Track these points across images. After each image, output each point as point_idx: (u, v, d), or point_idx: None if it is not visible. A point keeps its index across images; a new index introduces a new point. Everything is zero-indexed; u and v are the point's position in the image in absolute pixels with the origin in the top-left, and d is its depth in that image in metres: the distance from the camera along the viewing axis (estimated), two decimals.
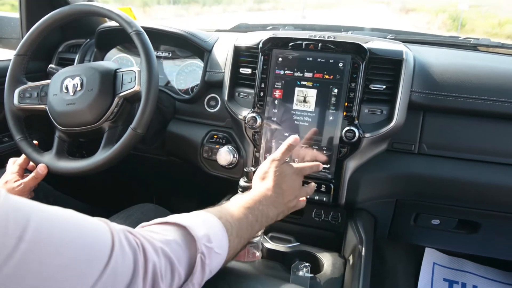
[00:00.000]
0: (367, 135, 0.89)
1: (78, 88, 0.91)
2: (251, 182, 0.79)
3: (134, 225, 0.53)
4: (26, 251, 0.34)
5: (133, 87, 0.89)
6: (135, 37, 0.90)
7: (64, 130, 0.94)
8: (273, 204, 0.71)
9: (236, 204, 0.65)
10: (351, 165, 0.92)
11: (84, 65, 0.97)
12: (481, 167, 0.91)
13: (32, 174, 0.90)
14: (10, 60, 1.00)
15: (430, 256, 1.39)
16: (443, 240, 1.11)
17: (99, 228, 0.43)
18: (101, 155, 0.89)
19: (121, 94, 0.91)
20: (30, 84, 0.99)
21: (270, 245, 0.89)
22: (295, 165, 0.80)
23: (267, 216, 0.69)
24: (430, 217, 1.03)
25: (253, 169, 0.80)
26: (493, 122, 0.91)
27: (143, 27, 0.96)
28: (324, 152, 0.92)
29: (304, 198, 0.81)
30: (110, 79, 0.92)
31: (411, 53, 0.93)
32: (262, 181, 0.75)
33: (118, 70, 0.94)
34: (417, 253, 1.39)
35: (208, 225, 0.54)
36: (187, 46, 1.17)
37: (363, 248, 0.83)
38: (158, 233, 0.49)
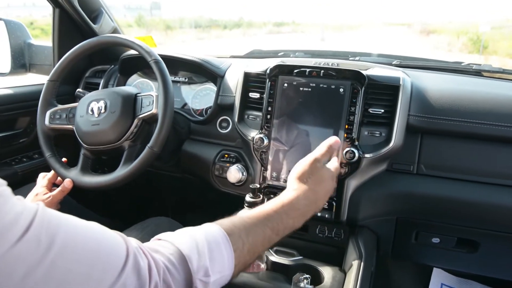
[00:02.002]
0: (366, 155, 0.95)
1: (102, 111, 1.01)
2: (256, 198, 0.86)
3: (148, 237, 0.57)
4: (54, 258, 0.38)
5: (151, 110, 0.98)
6: (153, 65, 1.00)
7: (88, 148, 1.03)
8: (304, 214, 0.68)
9: (256, 216, 0.62)
10: (352, 184, 0.97)
11: (108, 90, 1.07)
12: (477, 187, 0.95)
13: (60, 188, 0.99)
14: (43, 84, 1.11)
15: (438, 276, 1.40)
16: (444, 258, 1.14)
17: (116, 240, 0.46)
18: (121, 171, 0.98)
19: (140, 116, 1.00)
20: (60, 106, 1.10)
21: (274, 258, 0.94)
22: (332, 167, 0.78)
23: (291, 228, 0.66)
24: (430, 235, 1.07)
25: (258, 185, 0.86)
26: (489, 144, 0.95)
27: (162, 55, 1.06)
28: None
29: None
30: (130, 103, 1.02)
31: (408, 79, 0.99)
32: (299, 182, 0.72)
33: (138, 95, 1.04)
34: (424, 273, 1.40)
35: (211, 248, 0.53)
36: (202, 72, 1.27)
37: (362, 263, 0.87)
38: (164, 253, 0.50)
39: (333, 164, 0.80)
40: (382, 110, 0.96)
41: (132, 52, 1.31)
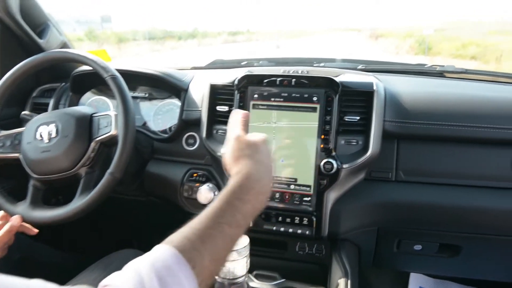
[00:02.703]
0: (345, 166, 0.91)
1: (53, 135, 0.90)
2: None
3: None
4: None
5: (109, 131, 0.88)
6: (110, 81, 0.90)
7: (39, 178, 0.92)
8: (260, 191, 0.60)
9: (206, 217, 0.53)
10: (332, 196, 0.93)
11: (59, 111, 0.96)
12: (457, 191, 0.94)
13: (6, 227, 0.87)
14: None
15: (416, 280, 1.39)
16: (426, 265, 1.12)
17: None
18: (78, 202, 0.87)
19: (97, 139, 0.90)
20: (3, 132, 0.98)
21: (255, 283, 0.88)
22: (253, 135, 0.69)
23: (252, 213, 0.58)
24: (412, 243, 1.04)
25: None
26: (466, 146, 0.94)
27: (118, 70, 0.96)
28: (303, 187, 0.93)
29: None
30: (86, 124, 0.92)
31: (381, 84, 0.97)
32: (237, 162, 0.63)
33: (94, 115, 0.94)
34: (403, 279, 1.39)
35: (161, 277, 0.45)
36: (163, 86, 1.18)
37: (349, 281, 0.83)
38: None
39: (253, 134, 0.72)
40: (358, 117, 0.93)
41: (84, 67, 1.20)
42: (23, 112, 1.07)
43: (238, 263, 0.78)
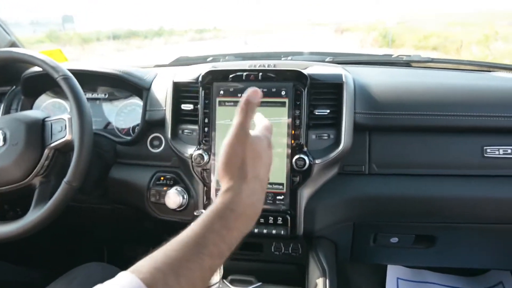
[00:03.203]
0: (317, 161, 0.88)
1: (1, 144, 0.82)
2: None
3: None
4: None
5: (64, 137, 0.82)
6: (62, 82, 0.83)
7: None
8: (250, 214, 0.50)
9: (185, 245, 0.44)
10: (305, 193, 0.90)
11: (7, 117, 0.88)
12: (430, 181, 0.93)
13: None
14: None
15: (393, 271, 1.39)
16: (403, 256, 1.11)
17: None
18: (33, 215, 0.80)
19: (51, 145, 0.83)
20: None
21: None
22: (262, 127, 0.59)
23: (238, 238, 0.49)
24: (388, 236, 1.03)
25: (203, 211, 0.75)
26: (436, 135, 0.93)
27: (74, 70, 0.90)
28: (275, 185, 0.89)
29: None
30: (37, 130, 0.84)
31: (350, 75, 0.95)
32: (230, 176, 0.52)
33: (46, 119, 0.86)
34: (380, 271, 1.38)
35: None
36: (124, 85, 1.11)
37: (327, 280, 0.80)
38: None
39: (261, 123, 0.61)
40: (328, 111, 0.90)
41: (37, 69, 1.11)
42: None
43: None
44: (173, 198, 0.94)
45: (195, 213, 0.75)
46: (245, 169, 0.51)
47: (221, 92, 0.92)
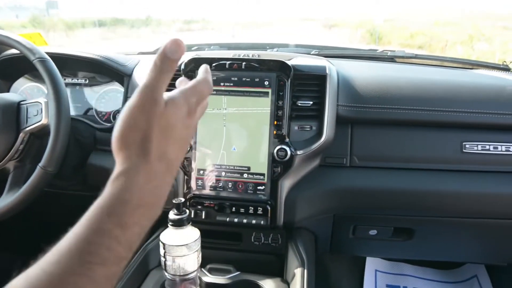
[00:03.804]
0: (299, 152, 0.88)
1: None
2: (182, 214, 0.73)
3: None
4: None
5: (40, 121, 0.80)
6: (38, 65, 0.81)
7: None
8: (152, 205, 0.39)
9: (67, 257, 0.34)
10: (286, 184, 0.90)
11: None
12: (410, 175, 0.94)
13: None
14: None
15: (372, 264, 1.41)
16: (382, 249, 1.13)
17: None
18: (6, 200, 0.78)
19: (26, 129, 0.81)
20: None
21: (208, 278, 0.83)
22: (179, 93, 0.43)
23: (142, 232, 0.38)
24: (367, 228, 1.04)
25: (183, 199, 0.74)
26: (417, 130, 0.94)
27: (53, 54, 0.87)
28: (256, 176, 0.89)
29: None
30: (12, 113, 0.82)
31: (334, 67, 0.95)
32: (128, 154, 0.39)
33: (22, 102, 0.84)
34: (359, 263, 1.40)
35: None
36: (104, 71, 1.09)
37: (305, 270, 0.80)
38: None
39: (180, 90, 0.44)
40: (311, 102, 0.90)
41: (13, 51, 1.08)
42: None
43: (188, 258, 0.73)
44: None
45: (173, 201, 0.73)
46: (147, 146, 0.38)
47: None
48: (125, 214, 0.36)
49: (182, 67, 0.91)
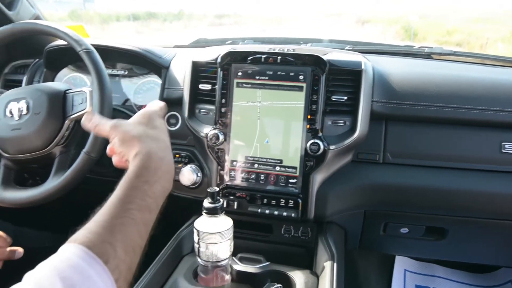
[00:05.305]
0: (331, 147, 0.88)
1: (24, 112, 0.85)
2: (216, 203, 0.75)
3: None
4: None
5: (84, 109, 0.84)
6: (84, 55, 0.85)
7: (10, 157, 0.87)
8: (166, 167, 0.57)
9: (111, 207, 0.48)
10: (318, 178, 0.90)
11: (30, 87, 0.90)
12: (445, 173, 0.92)
13: None
14: None
15: (401, 263, 1.39)
16: (413, 248, 1.11)
17: None
18: (52, 183, 0.83)
19: (72, 117, 0.85)
20: None
21: (239, 266, 0.85)
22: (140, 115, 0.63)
23: (163, 192, 0.55)
24: (398, 226, 1.03)
25: (217, 189, 0.76)
26: (454, 128, 0.92)
27: (96, 45, 0.91)
28: (288, 169, 0.90)
29: None
30: (59, 101, 0.86)
31: (369, 63, 0.94)
32: (132, 143, 0.57)
33: (68, 91, 0.88)
34: (388, 261, 1.39)
35: (65, 276, 0.40)
36: (143, 63, 1.13)
37: (335, 264, 0.81)
38: None
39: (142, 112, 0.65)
40: (345, 97, 0.90)
41: (60, 42, 1.13)
42: None
43: (221, 245, 0.75)
44: (187, 175, 0.96)
45: (208, 190, 0.76)
46: (143, 135, 0.58)
47: (239, 73, 0.92)
48: (150, 175, 0.53)
49: (219, 60, 0.93)
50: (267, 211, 0.91)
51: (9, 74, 1.23)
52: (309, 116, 0.89)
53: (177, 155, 1.02)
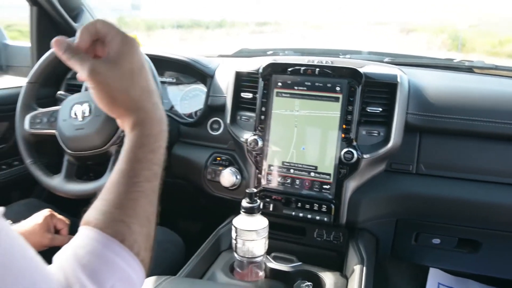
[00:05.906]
0: (365, 156, 0.92)
1: (87, 114, 0.95)
2: (253, 203, 0.81)
3: None
4: None
5: None
6: None
7: (73, 154, 0.97)
8: (165, 125, 0.52)
9: (120, 185, 0.45)
10: (351, 185, 0.94)
11: None
12: (478, 186, 0.93)
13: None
14: (22, 87, 1.04)
15: (435, 276, 1.38)
16: (444, 259, 1.12)
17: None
18: (108, 178, 0.92)
19: None
20: (40, 110, 1.04)
21: (273, 264, 0.90)
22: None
23: (163, 151, 0.51)
24: (430, 236, 1.04)
25: (255, 190, 0.82)
26: (489, 142, 0.93)
27: (148, 55, 1.00)
28: (323, 175, 0.95)
29: None
30: None
31: (405, 76, 0.97)
32: (123, 114, 0.49)
33: None
34: (421, 273, 1.38)
35: (85, 263, 0.39)
36: (190, 72, 1.22)
37: (364, 267, 0.84)
38: None
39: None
40: (380, 109, 0.93)
41: None
42: (58, 92, 1.13)
43: (257, 243, 0.81)
44: (227, 177, 1.03)
45: (246, 190, 0.82)
46: (141, 89, 0.49)
47: (279, 83, 0.98)
48: (155, 142, 0.49)
49: (260, 70, 1.00)
50: (301, 214, 0.96)
51: (71, 79, 1.37)
52: (344, 126, 0.93)
53: (218, 158, 1.09)
